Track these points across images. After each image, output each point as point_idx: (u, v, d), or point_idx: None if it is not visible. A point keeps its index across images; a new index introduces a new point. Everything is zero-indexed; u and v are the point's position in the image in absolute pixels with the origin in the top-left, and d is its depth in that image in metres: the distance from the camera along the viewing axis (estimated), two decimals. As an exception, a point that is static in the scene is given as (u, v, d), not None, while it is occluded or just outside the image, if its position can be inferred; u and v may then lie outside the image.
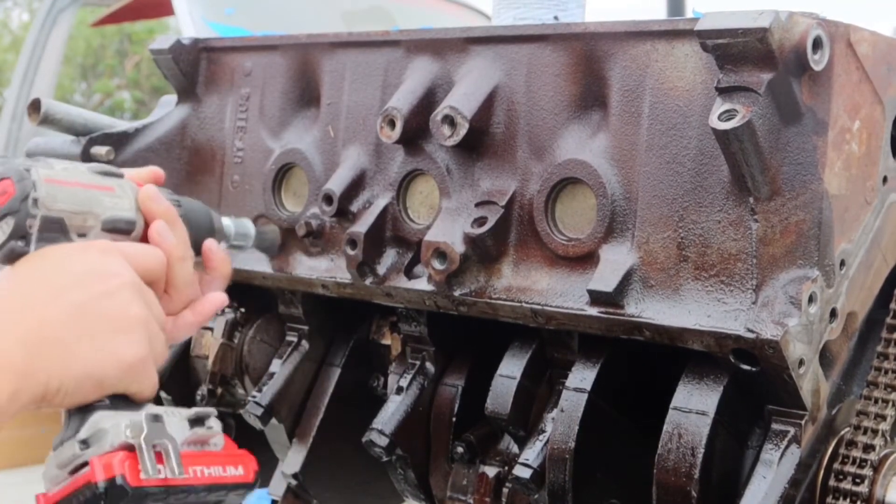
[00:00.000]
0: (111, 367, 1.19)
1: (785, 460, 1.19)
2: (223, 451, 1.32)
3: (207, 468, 1.28)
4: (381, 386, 1.69)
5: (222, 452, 1.31)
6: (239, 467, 1.32)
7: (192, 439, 1.28)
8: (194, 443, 1.29)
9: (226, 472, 1.30)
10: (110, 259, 1.23)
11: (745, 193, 1.17)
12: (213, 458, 1.30)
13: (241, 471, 1.32)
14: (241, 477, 1.32)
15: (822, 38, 1.15)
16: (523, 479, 1.34)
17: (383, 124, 1.43)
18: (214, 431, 1.31)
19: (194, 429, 1.29)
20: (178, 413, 1.29)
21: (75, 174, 1.29)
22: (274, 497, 1.73)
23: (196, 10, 4.53)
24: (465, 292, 1.37)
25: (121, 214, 1.30)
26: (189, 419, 1.29)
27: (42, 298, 1.16)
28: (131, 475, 1.17)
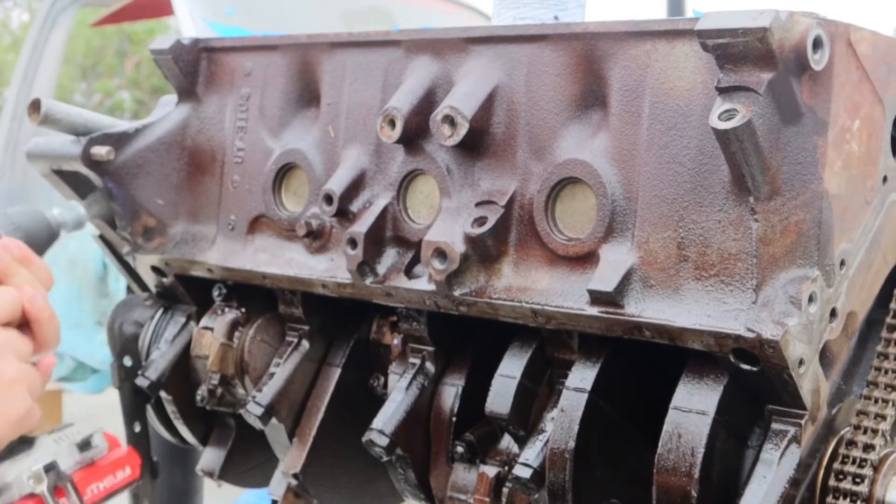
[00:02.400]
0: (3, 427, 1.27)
1: (785, 460, 1.20)
2: (108, 457, 1.50)
3: (101, 482, 1.47)
4: (381, 386, 1.69)
5: (108, 460, 1.50)
6: (126, 469, 1.52)
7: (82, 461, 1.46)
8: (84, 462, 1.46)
9: (116, 478, 1.50)
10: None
11: (745, 193, 1.17)
12: (102, 470, 1.48)
13: (127, 472, 1.52)
14: (129, 477, 1.52)
15: (822, 38, 1.15)
16: (523, 478, 1.34)
17: (383, 124, 1.43)
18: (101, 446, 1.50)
19: (83, 453, 1.47)
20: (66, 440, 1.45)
21: None
22: (274, 497, 1.73)
23: (196, 10, 4.53)
24: (465, 292, 1.37)
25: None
26: (78, 445, 1.45)
27: None
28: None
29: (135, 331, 1.90)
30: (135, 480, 1.53)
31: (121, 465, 1.52)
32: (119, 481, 1.51)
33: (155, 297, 1.90)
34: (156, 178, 1.76)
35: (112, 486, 1.49)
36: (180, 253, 1.74)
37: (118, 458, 1.51)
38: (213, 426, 1.89)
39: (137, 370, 1.85)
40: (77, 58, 13.89)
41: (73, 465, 1.45)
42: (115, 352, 1.90)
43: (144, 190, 1.75)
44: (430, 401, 1.54)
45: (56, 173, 1.76)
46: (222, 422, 1.87)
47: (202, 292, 1.80)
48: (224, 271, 1.70)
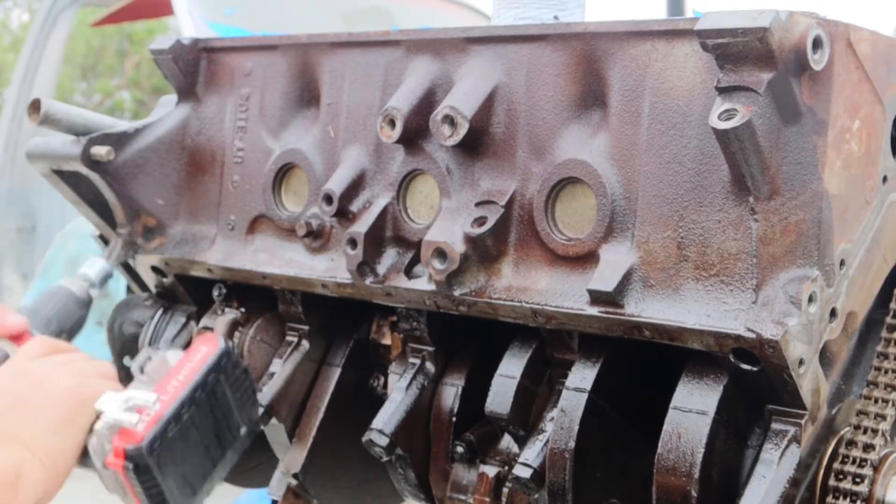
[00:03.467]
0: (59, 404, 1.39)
1: (785, 460, 1.19)
2: (183, 356, 1.48)
3: (178, 376, 1.44)
4: (381, 386, 1.69)
5: (183, 357, 1.47)
6: (201, 349, 1.48)
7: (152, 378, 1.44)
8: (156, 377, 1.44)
9: (193, 362, 1.46)
10: None
11: (745, 193, 1.17)
12: (177, 369, 1.45)
13: (203, 350, 1.48)
14: (208, 352, 1.48)
15: (821, 38, 1.15)
16: (523, 478, 1.34)
17: (383, 124, 1.43)
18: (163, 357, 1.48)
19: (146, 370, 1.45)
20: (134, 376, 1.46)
21: None
22: (274, 497, 1.73)
23: (196, 10, 4.53)
24: (465, 292, 1.37)
25: None
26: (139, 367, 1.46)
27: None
28: (131, 439, 1.36)
29: (135, 331, 1.90)
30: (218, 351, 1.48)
31: (196, 351, 1.48)
32: (197, 363, 1.46)
33: (155, 297, 1.90)
34: (156, 178, 1.76)
35: (193, 370, 1.45)
36: (180, 253, 1.74)
37: (192, 348, 1.49)
38: (213, 426, 1.89)
39: (137, 370, 1.85)
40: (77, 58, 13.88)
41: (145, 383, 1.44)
42: (115, 352, 1.90)
43: (144, 190, 1.75)
44: (430, 401, 1.54)
45: (56, 173, 1.76)
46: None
47: (202, 292, 1.80)
48: (224, 271, 1.70)
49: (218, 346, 1.49)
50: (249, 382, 1.54)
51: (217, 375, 1.47)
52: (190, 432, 1.42)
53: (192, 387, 1.43)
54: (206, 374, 1.45)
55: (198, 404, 1.43)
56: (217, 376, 1.47)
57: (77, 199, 1.80)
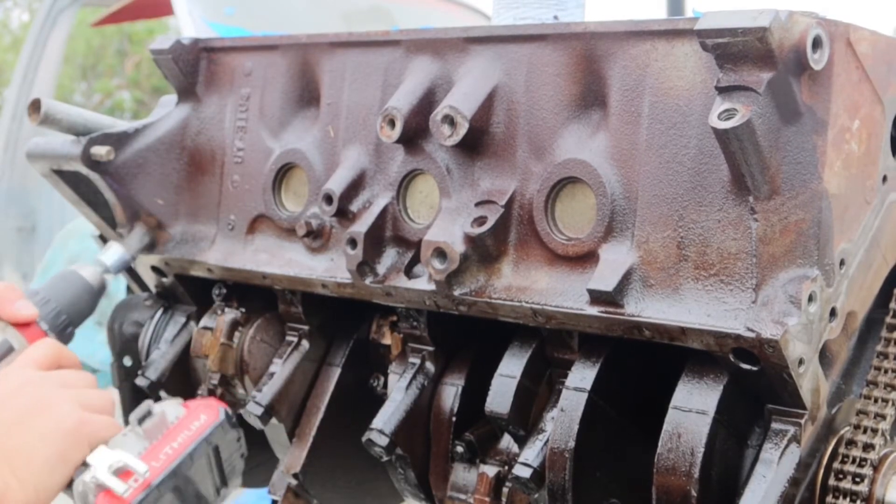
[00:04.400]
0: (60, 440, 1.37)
1: (785, 459, 1.20)
2: (182, 418, 1.47)
3: (174, 442, 1.44)
4: (381, 386, 1.69)
5: (182, 420, 1.47)
6: (201, 417, 1.48)
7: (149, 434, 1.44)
8: (153, 435, 1.44)
9: (192, 429, 1.46)
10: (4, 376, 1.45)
11: (744, 193, 1.17)
12: (175, 431, 1.45)
13: (203, 418, 1.48)
14: (207, 421, 1.48)
15: (821, 38, 1.15)
16: (523, 478, 1.34)
17: (383, 124, 1.43)
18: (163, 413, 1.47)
19: (143, 425, 1.45)
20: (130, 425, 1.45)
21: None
22: (274, 497, 1.73)
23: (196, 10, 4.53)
24: (465, 292, 1.37)
25: None
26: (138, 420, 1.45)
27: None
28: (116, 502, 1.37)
29: (135, 331, 1.90)
30: (216, 422, 1.48)
31: (195, 417, 1.48)
32: (195, 431, 1.46)
33: (155, 297, 1.90)
34: (156, 178, 1.76)
35: (189, 439, 1.45)
36: (180, 253, 1.75)
37: (192, 412, 1.48)
38: (213, 426, 1.89)
39: (137, 370, 1.85)
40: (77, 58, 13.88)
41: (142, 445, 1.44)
42: (115, 352, 1.91)
43: (144, 190, 1.75)
44: (430, 401, 1.54)
45: (56, 173, 1.76)
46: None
47: (202, 292, 1.80)
48: (224, 271, 1.70)
49: (218, 417, 1.50)
50: (241, 447, 1.57)
51: (210, 446, 1.49)
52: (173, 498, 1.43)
53: (182, 458, 1.45)
54: (199, 444, 1.47)
55: (184, 473, 1.45)
56: (210, 447, 1.49)
57: (77, 199, 1.80)
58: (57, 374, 1.47)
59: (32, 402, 1.40)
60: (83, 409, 1.42)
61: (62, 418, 1.39)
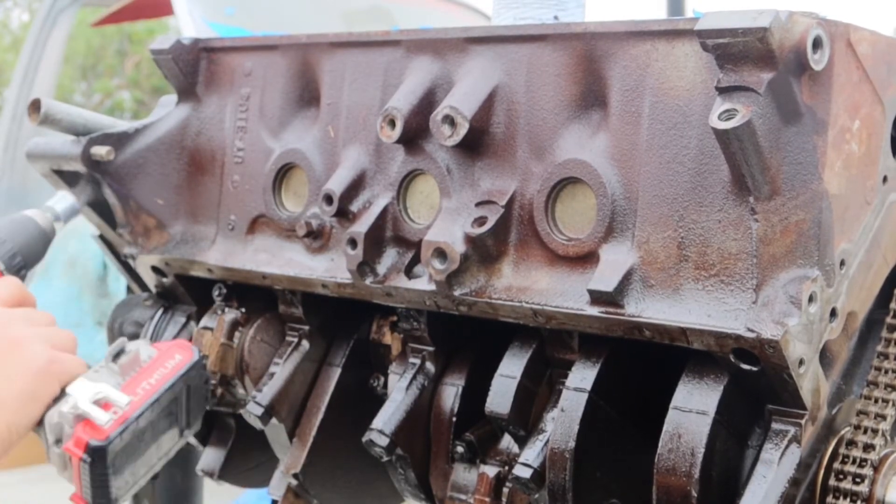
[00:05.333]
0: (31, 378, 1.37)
1: (785, 460, 1.19)
2: (156, 357, 1.49)
3: (150, 378, 1.46)
4: (381, 386, 1.69)
5: (156, 359, 1.49)
6: (175, 356, 1.50)
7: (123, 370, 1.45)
8: (127, 371, 1.45)
9: (167, 368, 1.48)
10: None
11: (745, 193, 1.17)
12: (149, 369, 1.47)
13: (178, 357, 1.50)
14: (182, 361, 1.50)
15: (821, 38, 1.15)
16: (523, 478, 1.34)
17: (383, 124, 1.43)
18: (136, 351, 1.48)
19: (118, 361, 1.46)
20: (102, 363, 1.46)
21: None
22: (274, 497, 1.73)
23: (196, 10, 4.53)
24: (466, 292, 1.37)
25: None
26: (112, 356, 1.46)
27: None
28: (95, 434, 1.37)
29: (135, 331, 1.90)
30: (191, 361, 1.49)
31: (170, 356, 1.49)
32: (170, 370, 1.47)
33: (155, 297, 1.90)
34: (156, 178, 1.76)
35: (164, 377, 1.46)
36: (180, 253, 1.74)
37: (165, 352, 1.49)
38: (213, 426, 1.89)
39: (137, 370, 1.85)
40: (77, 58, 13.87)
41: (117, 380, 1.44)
42: (116, 353, 1.90)
43: (144, 190, 1.75)
44: (430, 401, 1.54)
45: (56, 173, 1.76)
46: (222, 422, 1.87)
47: (202, 292, 1.80)
48: (224, 271, 1.70)
49: (192, 356, 1.51)
50: (207, 393, 1.58)
51: (184, 384, 1.50)
52: (146, 433, 1.45)
53: (160, 393, 1.45)
54: (176, 381, 1.48)
55: (160, 409, 1.46)
56: (184, 385, 1.50)
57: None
58: (22, 311, 1.46)
59: (4, 342, 1.39)
60: (51, 347, 1.42)
61: (33, 357, 1.38)
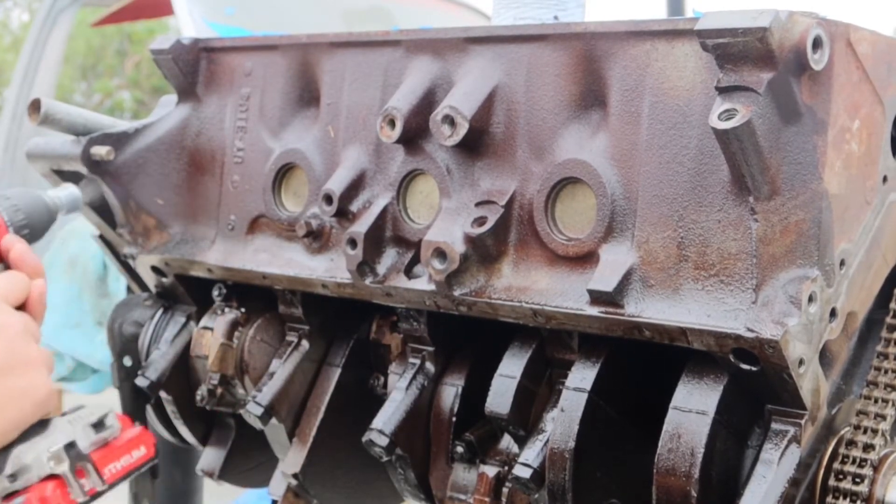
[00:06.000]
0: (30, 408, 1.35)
1: (785, 460, 1.19)
2: (122, 437, 1.51)
3: (118, 462, 1.48)
4: (381, 386, 1.69)
5: (123, 440, 1.51)
6: (140, 448, 1.53)
7: (97, 442, 1.47)
8: (100, 442, 1.47)
9: (132, 457, 1.51)
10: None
11: (745, 193, 1.17)
12: (118, 450, 1.49)
13: (143, 451, 1.53)
14: (145, 455, 1.53)
15: (821, 38, 1.15)
16: (523, 478, 1.34)
17: (383, 124, 1.43)
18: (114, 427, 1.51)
19: (98, 433, 1.47)
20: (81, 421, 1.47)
21: None
22: (274, 497, 1.73)
23: (196, 10, 4.53)
24: (465, 292, 1.37)
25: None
26: (93, 425, 1.47)
27: None
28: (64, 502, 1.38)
29: (135, 331, 1.90)
30: (150, 459, 1.54)
31: (135, 445, 1.52)
32: (135, 460, 1.51)
33: (155, 297, 1.90)
34: (156, 178, 1.76)
35: (129, 465, 1.50)
36: (180, 253, 1.74)
37: (132, 438, 1.52)
38: (213, 426, 1.89)
39: (137, 370, 1.85)
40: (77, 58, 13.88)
41: (90, 445, 1.46)
42: (115, 352, 1.90)
43: (144, 190, 1.75)
44: (430, 401, 1.54)
45: (56, 173, 1.76)
46: (222, 422, 1.87)
47: (202, 292, 1.80)
48: (224, 271, 1.70)
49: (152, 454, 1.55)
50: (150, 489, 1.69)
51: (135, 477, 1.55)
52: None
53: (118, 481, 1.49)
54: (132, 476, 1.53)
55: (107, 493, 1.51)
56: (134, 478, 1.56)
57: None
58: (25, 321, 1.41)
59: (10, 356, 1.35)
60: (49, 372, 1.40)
61: (36, 386, 1.36)
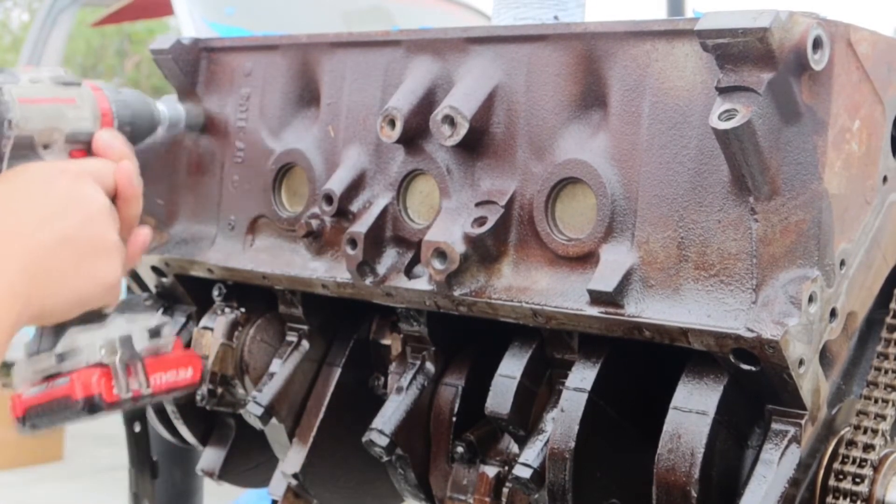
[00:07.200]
0: (96, 289, 1.30)
1: (785, 460, 1.19)
2: (174, 353, 1.47)
3: (164, 374, 1.44)
4: (381, 386, 1.69)
5: (174, 356, 1.47)
6: (188, 369, 1.49)
7: (150, 348, 1.43)
8: (152, 350, 1.44)
9: (178, 375, 1.47)
10: (85, 184, 1.32)
11: (745, 193, 1.17)
12: (168, 362, 1.45)
13: (189, 373, 1.49)
14: (191, 378, 1.49)
15: (822, 38, 1.15)
16: (523, 478, 1.34)
17: (383, 124, 1.43)
18: (169, 339, 1.47)
19: (153, 339, 1.44)
20: (139, 322, 1.44)
21: (42, 89, 1.38)
22: (274, 497, 1.73)
23: (196, 10, 4.53)
24: (465, 292, 1.37)
25: (82, 127, 1.41)
26: (149, 330, 1.44)
27: (31, 226, 1.23)
28: (107, 393, 1.34)
29: (135, 331, 1.90)
30: (194, 384, 1.49)
31: (185, 364, 1.48)
32: (181, 380, 1.46)
33: (155, 297, 1.90)
34: (156, 178, 1.76)
35: (174, 382, 1.45)
36: (180, 253, 1.74)
37: (183, 356, 1.48)
38: (213, 426, 1.89)
39: (137, 370, 1.85)
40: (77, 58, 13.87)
41: (144, 348, 1.42)
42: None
43: (144, 190, 1.74)
44: (430, 401, 1.54)
45: (56, 173, 1.76)
46: (222, 422, 1.87)
47: (202, 292, 1.80)
48: (224, 271, 1.70)
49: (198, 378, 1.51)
50: None
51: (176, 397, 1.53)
52: None
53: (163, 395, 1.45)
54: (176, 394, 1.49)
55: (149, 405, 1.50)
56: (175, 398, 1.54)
57: None
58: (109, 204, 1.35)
59: (87, 230, 1.29)
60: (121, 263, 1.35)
61: (106, 270, 1.31)
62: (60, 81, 1.40)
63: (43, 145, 1.37)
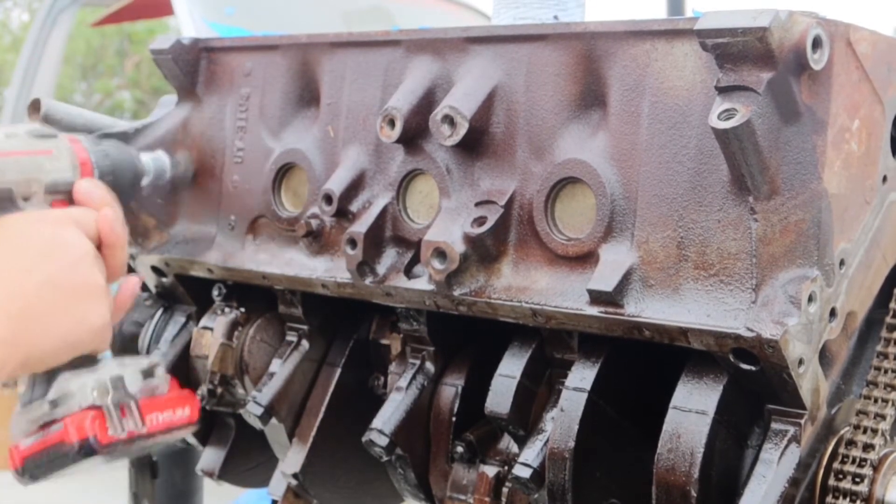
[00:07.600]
0: (84, 333, 1.30)
1: (785, 460, 1.20)
2: (169, 394, 1.47)
3: (161, 414, 1.44)
4: (381, 386, 1.69)
5: (170, 396, 1.47)
6: (185, 409, 1.49)
7: (145, 389, 1.43)
8: (147, 391, 1.44)
9: (175, 415, 1.47)
10: (66, 230, 1.33)
11: (744, 193, 1.17)
12: (163, 403, 1.45)
13: (187, 412, 1.49)
14: (188, 418, 1.49)
15: (821, 38, 1.15)
16: (523, 478, 1.34)
17: (383, 124, 1.43)
18: (163, 379, 1.47)
19: (147, 380, 1.44)
20: (131, 365, 1.43)
21: (17, 141, 1.40)
22: (274, 497, 1.73)
23: (196, 10, 4.53)
24: (465, 292, 1.37)
25: (61, 177, 1.44)
26: (142, 371, 1.43)
27: (13, 272, 1.25)
28: (101, 434, 1.34)
29: (135, 331, 1.90)
30: (192, 423, 1.49)
31: (181, 404, 1.48)
32: (178, 419, 1.46)
33: (155, 297, 1.90)
34: (156, 178, 1.76)
35: (171, 421, 1.45)
36: (180, 253, 1.75)
37: (179, 396, 1.48)
38: (213, 426, 1.89)
39: (137, 370, 1.85)
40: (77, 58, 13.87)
41: (137, 388, 1.42)
42: (115, 352, 1.90)
43: (144, 190, 1.75)
44: (430, 401, 1.54)
45: (56, 173, 1.76)
46: (222, 422, 1.88)
47: (202, 292, 1.80)
48: (224, 271, 1.70)
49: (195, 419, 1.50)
50: None
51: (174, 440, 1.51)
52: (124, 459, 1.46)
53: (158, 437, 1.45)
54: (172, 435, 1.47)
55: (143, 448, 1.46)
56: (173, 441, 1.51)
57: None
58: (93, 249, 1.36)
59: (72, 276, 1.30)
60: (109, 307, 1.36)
61: (94, 314, 1.31)
62: (36, 134, 1.43)
63: (23, 197, 1.39)
